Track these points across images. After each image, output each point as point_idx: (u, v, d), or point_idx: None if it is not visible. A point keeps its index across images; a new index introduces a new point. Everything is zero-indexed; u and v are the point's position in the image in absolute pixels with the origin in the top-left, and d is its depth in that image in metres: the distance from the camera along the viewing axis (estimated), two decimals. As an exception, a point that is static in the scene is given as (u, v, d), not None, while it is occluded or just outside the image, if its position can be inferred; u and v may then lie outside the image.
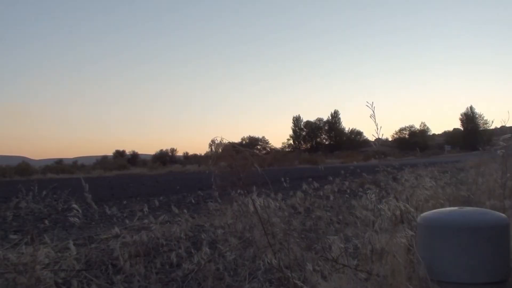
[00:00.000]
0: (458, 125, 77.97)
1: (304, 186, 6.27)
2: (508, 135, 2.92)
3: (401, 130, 76.47)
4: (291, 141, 78.46)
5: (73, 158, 59.12)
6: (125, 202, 9.49)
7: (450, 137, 77.42)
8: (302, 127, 79.29)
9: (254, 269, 3.13)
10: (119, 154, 59.34)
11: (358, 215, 4.44)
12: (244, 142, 64.50)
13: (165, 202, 8.89)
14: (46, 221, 6.14)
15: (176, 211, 5.11)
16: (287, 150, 71.46)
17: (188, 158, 56.79)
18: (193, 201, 7.78)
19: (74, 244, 3.34)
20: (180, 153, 62.05)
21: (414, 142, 61.60)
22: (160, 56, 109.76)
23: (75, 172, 37.00)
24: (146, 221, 4.97)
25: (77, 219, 3.54)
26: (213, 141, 2.18)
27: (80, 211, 3.56)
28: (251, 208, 2.41)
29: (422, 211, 2.49)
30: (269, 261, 2.52)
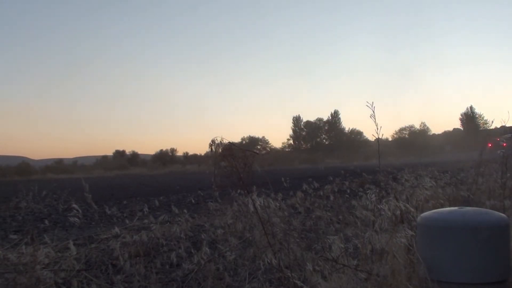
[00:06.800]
0: (458, 125, 78.00)
1: (304, 186, 6.27)
2: (508, 135, 2.92)
3: (401, 130, 76.49)
4: (291, 141, 78.46)
5: (73, 158, 58.99)
6: (125, 202, 9.49)
7: (450, 137, 77.37)
8: (302, 127, 79.26)
9: (254, 269, 3.13)
10: (119, 154, 59.24)
11: (358, 215, 4.44)
12: (244, 142, 64.43)
13: (165, 202, 8.89)
14: (46, 221, 6.14)
15: (176, 211, 5.11)
16: (287, 150, 71.43)
17: (188, 158, 56.74)
18: (193, 201, 7.78)
19: (74, 244, 3.34)
20: (180, 153, 61.93)
21: (414, 142, 61.58)
22: (160, 57, 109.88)
23: (75, 172, 37.02)
24: (146, 221, 4.97)
25: (77, 219, 3.54)
26: (213, 141, 2.19)
27: (80, 211, 3.57)
28: (251, 208, 2.41)
29: (422, 211, 2.49)
30: (269, 261, 2.52)
